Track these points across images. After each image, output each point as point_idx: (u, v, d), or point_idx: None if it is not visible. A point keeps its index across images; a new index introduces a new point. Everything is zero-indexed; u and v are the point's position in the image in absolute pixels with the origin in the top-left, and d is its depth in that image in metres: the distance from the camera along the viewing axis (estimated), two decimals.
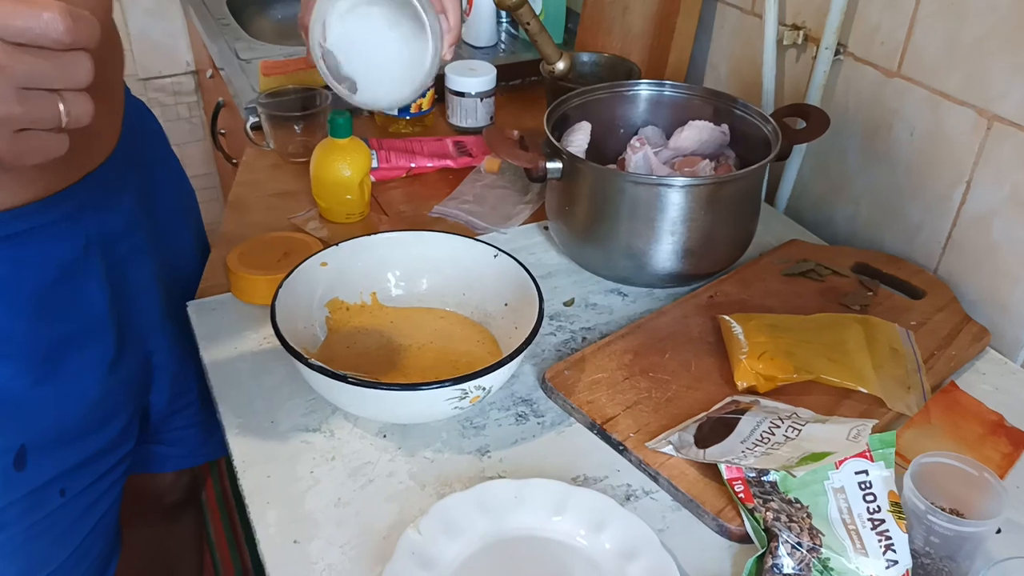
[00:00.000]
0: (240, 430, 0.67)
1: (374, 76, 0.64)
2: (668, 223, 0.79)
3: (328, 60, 0.64)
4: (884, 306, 0.80)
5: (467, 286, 0.77)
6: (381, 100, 0.66)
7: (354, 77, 0.64)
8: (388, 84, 0.65)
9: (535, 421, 0.69)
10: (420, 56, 0.63)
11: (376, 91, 0.65)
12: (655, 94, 0.92)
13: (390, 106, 0.68)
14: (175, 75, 1.82)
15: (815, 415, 0.63)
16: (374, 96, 0.66)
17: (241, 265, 0.81)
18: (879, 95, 0.87)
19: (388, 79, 0.64)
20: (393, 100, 0.67)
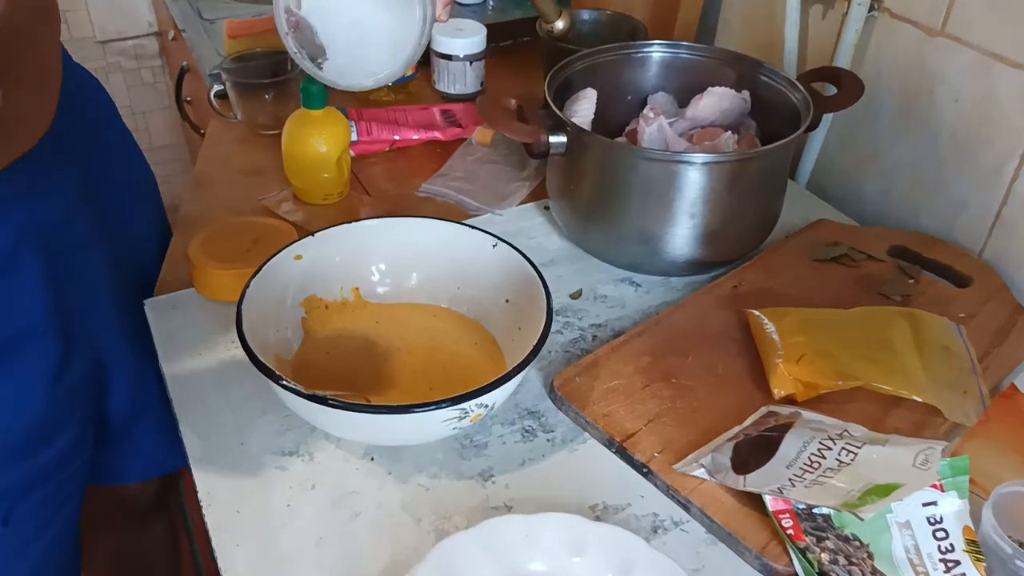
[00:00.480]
0: (204, 454, 0.58)
1: (355, 50, 0.54)
2: (687, 204, 0.70)
3: (300, 34, 0.53)
4: (927, 295, 0.72)
5: (462, 279, 0.68)
6: (365, 79, 0.56)
7: (331, 52, 0.54)
8: (372, 58, 0.55)
9: (544, 437, 0.61)
10: (408, 23, 0.52)
11: (358, 68, 0.55)
12: (668, 56, 0.82)
13: (375, 85, 0.57)
14: (136, 37, 1.69)
15: (870, 433, 0.55)
16: (356, 74, 0.55)
17: (204, 256, 0.71)
18: (919, 57, 0.77)
19: (372, 53, 0.54)
20: (379, 78, 0.56)
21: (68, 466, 0.70)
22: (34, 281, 0.61)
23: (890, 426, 0.60)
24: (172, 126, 1.82)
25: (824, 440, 0.54)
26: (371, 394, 0.60)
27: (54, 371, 0.65)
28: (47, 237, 0.62)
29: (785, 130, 0.76)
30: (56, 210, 0.63)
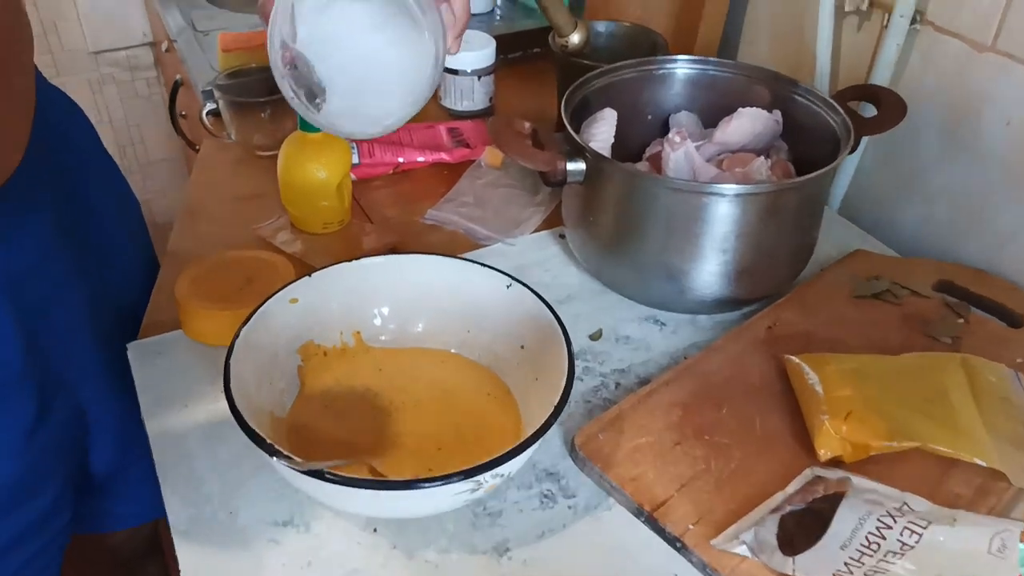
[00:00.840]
0: (189, 525, 0.53)
1: (358, 92, 0.47)
2: (717, 239, 0.64)
3: (296, 72, 0.47)
4: (978, 336, 0.66)
5: (473, 322, 0.62)
6: (369, 126, 0.49)
7: (330, 93, 0.47)
8: (377, 102, 0.48)
9: (565, 504, 0.55)
10: (417, 60, 0.46)
11: (361, 113, 0.48)
12: (694, 73, 0.77)
13: (382, 133, 0.50)
14: (130, 47, 1.63)
15: (933, 507, 0.49)
16: (359, 120, 0.49)
17: (193, 297, 0.65)
18: (966, 74, 0.71)
19: (377, 95, 0.48)
20: (386, 124, 0.49)
21: (47, 528, 0.64)
22: (8, 334, 0.56)
23: (949, 492, 0.54)
24: (168, 139, 1.76)
25: (883, 516, 0.48)
26: (374, 457, 0.55)
27: (29, 427, 0.60)
28: (19, 285, 0.57)
29: (819, 153, 0.70)
30: (27, 256, 0.57)
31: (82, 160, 0.68)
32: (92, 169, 0.69)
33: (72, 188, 0.65)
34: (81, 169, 0.67)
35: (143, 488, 0.77)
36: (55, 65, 1.59)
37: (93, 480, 0.73)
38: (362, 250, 0.78)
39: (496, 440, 0.57)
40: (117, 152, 1.34)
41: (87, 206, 0.67)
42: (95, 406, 0.68)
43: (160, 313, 0.70)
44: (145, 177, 1.79)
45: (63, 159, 0.65)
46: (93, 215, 0.68)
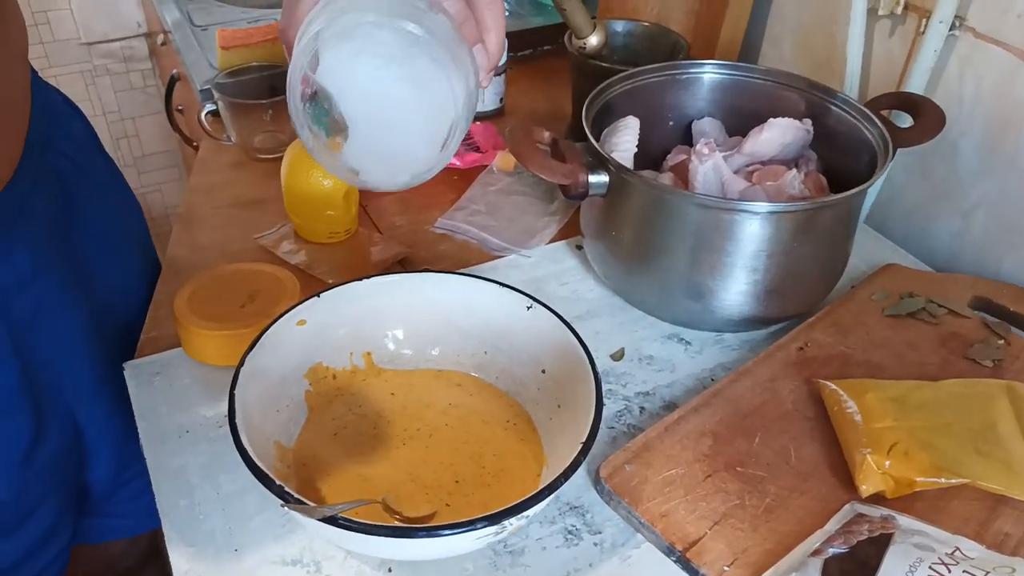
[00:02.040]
0: (191, 565, 0.49)
1: (382, 136, 0.43)
2: (747, 257, 0.61)
3: (315, 106, 0.42)
4: (1021, 360, 0.63)
5: (490, 344, 0.59)
6: (395, 176, 0.44)
7: (352, 131, 0.42)
8: (403, 149, 0.43)
9: (590, 541, 0.52)
10: (442, 103, 0.41)
11: (386, 160, 0.44)
12: (722, 79, 0.73)
13: (409, 184, 0.44)
14: (125, 38, 1.58)
15: (988, 554, 0.46)
16: (384, 169, 0.44)
17: (194, 315, 0.62)
18: (1009, 83, 0.68)
19: (403, 140, 0.43)
20: (416, 173, 0.44)
21: (45, 551, 0.62)
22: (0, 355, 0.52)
23: (998, 531, 0.51)
24: (163, 132, 1.72)
25: (935, 564, 0.45)
26: (388, 491, 0.51)
27: (24, 451, 0.57)
28: (8, 303, 0.53)
29: (850, 164, 0.67)
30: (18, 271, 0.54)
31: (79, 166, 0.64)
32: (90, 175, 0.65)
33: (68, 196, 0.61)
34: (78, 175, 0.63)
35: (142, 501, 0.73)
36: (47, 56, 1.55)
37: (91, 497, 0.70)
38: (370, 261, 0.75)
39: (517, 473, 0.53)
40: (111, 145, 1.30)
41: (83, 215, 0.63)
42: (93, 424, 0.65)
43: (158, 328, 0.67)
44: (140, 171, 1.74)
45: (59, 165, 0.61)
46: (89, 224, 0.64)
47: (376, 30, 0.39)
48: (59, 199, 0.61)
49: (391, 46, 0.40)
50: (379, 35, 0.39)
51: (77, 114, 0.69)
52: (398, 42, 0.39)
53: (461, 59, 0.40)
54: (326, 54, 0.40)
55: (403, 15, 0.39)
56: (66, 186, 0.62)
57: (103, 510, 0.72)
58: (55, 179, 0.60)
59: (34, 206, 0.56)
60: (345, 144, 0.42)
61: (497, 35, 0.43)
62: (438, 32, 0.39)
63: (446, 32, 0.40)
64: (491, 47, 0.43)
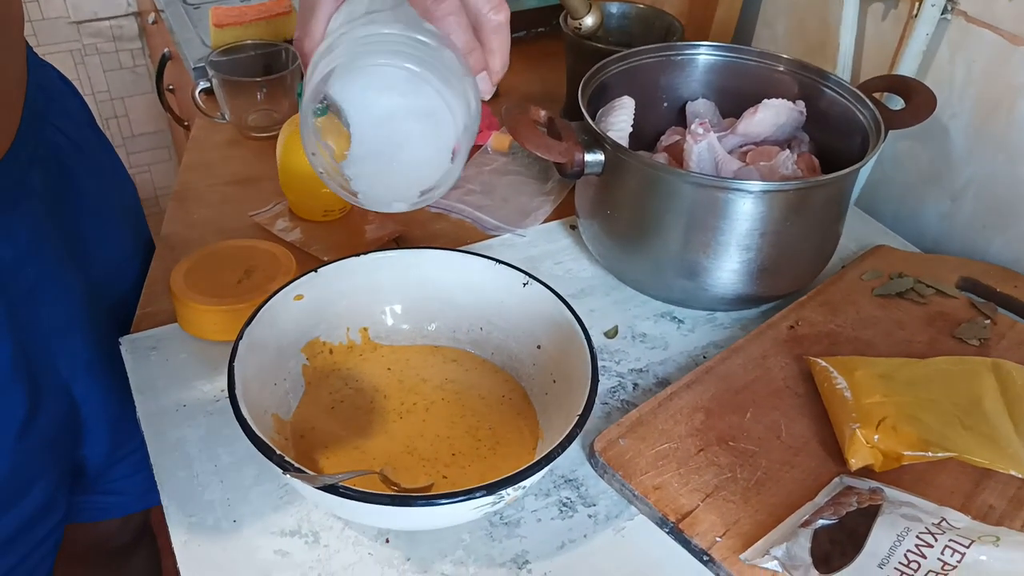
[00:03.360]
0: (190, 536, 0.50)
1: (387, 156, 0.45)
2: (740, 236, 0.61)
3: (324, 114, 0.44)
4: (1008, 339, 0.64)
5: (486, 320, 0.60)
6: (396, 200, 0.46)
7: (356, 143, 0.44)
8: (403, 171, 0.45)
9: (585, 513, 0.53)
10: (451, 119, 0.42)
11: (388, 179, 0.46)
12: (716, 61, 0.73)
13: (410, 208, 0.46)
14: (114, 17, 1.57)
15: (974, 524, 0.47)
16: (386, 190, 0.46)
17: (189, 289, 0.62)
18: (1000, 66, 0.69)
19: (406, 160, 0.45)
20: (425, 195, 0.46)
21: (42, 524, 0.62)
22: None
23: (983, 503, 0.52)
24: (153, 112, 1.70)
25: (922, 533, 0.46)
26: (385, 463, 0.52)
27: (19, 426, 0.57)
28: (5, 278, 0.53)
29: (842, 145, 0.68)
30: (15, 247, 0.54)
31: (75, 143, 0.64)
32: (85, 152, 0.65)
33: (64, 172, 0.61)
34: (74, 152, 0.63)
35: (136, 479, 0.74)
36: (35, 35, 1.53)
37: (86, 474, 0.70)
38: (364, 239, 0.75)
39: (513, 446, 0.54)
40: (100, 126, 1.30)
41: (79, 191, 0.63)
42: (89, 400, 0.65)
43: (153, 303, 0.67)
44: (129, 151, 1.73)
45: (56, 142, 0.61)
46: (85, 200, 0.64)
47: (386, 69, 0.41)
48: (56, 175, 0.61)
49: (399, 83, 0.42)
50: (388, 72, 0.41)
51: (72, 91, 0.69)
52: (406, 80, 0.41)
53: (464, 94, 0.42)
54: (336, 85, 0.42)
55: (411, 55, 0.41)
56: (62, 162, 0.62)
57: (97, 487, 0.73)
58: (52, 155, 0.60)
59: (32, 182, 0.56)
60: (349, 169, 0.44)
61: (501, 56, 0.45)
62: (443, 69, 0.41)
63: (451, 68, 0.42)
64: (494, 68, 0.45)
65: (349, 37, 0.42)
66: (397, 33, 0.42)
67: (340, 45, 0.42)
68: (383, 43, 0.42)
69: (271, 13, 0.96)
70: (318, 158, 0.45)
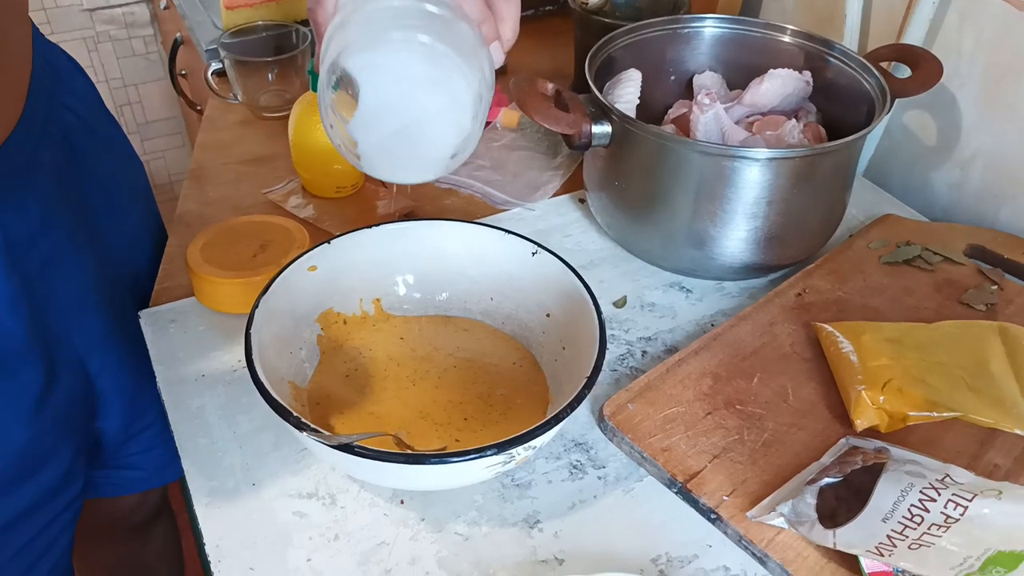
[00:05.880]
0: (211, 499, 0.51)
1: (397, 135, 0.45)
2: (748, 204, 0.62)
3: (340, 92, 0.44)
4: (1015, 305, 0.65)
5: (497, 290, 0.61)
6: (400, 172, 0.48)
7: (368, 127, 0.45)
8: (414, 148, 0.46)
9: (595, 475, 0.54)
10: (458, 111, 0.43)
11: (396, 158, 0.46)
12: (723, 33, 0.74)
13: (416, 179, 0.48)
14: (126, 4, 1.58)
15: (977, 479, 0.48)
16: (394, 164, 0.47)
17: (206, 263, 0.63)
18: (1008, 34, 0.69)
19: (414, 141, 0.45)
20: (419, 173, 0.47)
21: (61, 497, 0.63)
22: (10, 305, 0.54)
23: (988, 463, 0.53)
24: (166, 98, 1.72)
25: (925, 488, 0.47)
26: (399, 428, 0.53)
27: (36, 399, 0.58)
28: (20, 253, 0.54)
29: (849, 115, 0.69)
30: (28, 222, 0.55)
31: (84, 120, 0.65)
32: (94, 130, 0.67)
33: (74, 149, 0.62)
34: (83, 130, 0.64)
35: (153, 454, 0.75)
36: (49, 23, 1.55)
37: (103, 448, 0.71)
38: (376, 215, 0.76)
39: (524, 410, 0.55)
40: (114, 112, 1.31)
41: (89, 168, 0.64)
42: (104, 374, 0.66)
43: (170, 279, 0.68)
44: (143, 138, 1.75)
45: (65, 119, 0.62)
46: (95, 177, 0.65)
47: (401, 42, 0.42)
48: (66, 153, 0.62)
49: (414, 55, 0.42)
50: (403, 46, 0.42)
51: (79, 71, 0.70)
52: (421, 52, 0.42)
53: (479, 65, 0.42)
54: (351, 60, 0.42)
55: (425, 28, 0.41)
56: (72, 141, 0.63)
57: (114, 462, 0.74)
58: (61, 134, 0.61)
59: (43, 159, 0.57)
60: (365, 143, 0.44)
61: (512, 24, 0.46)
62: (458, 41, 0.42)
63: (466, 39, 0.42)
64: (505, 35, 0.46)
65: (363, 11, 0.43)
66: (410, 5, 0.42)
67: (353, 20, 0.42)
68: (397, 16, 0.42)
69: None
70: (335, 131, 0.45)
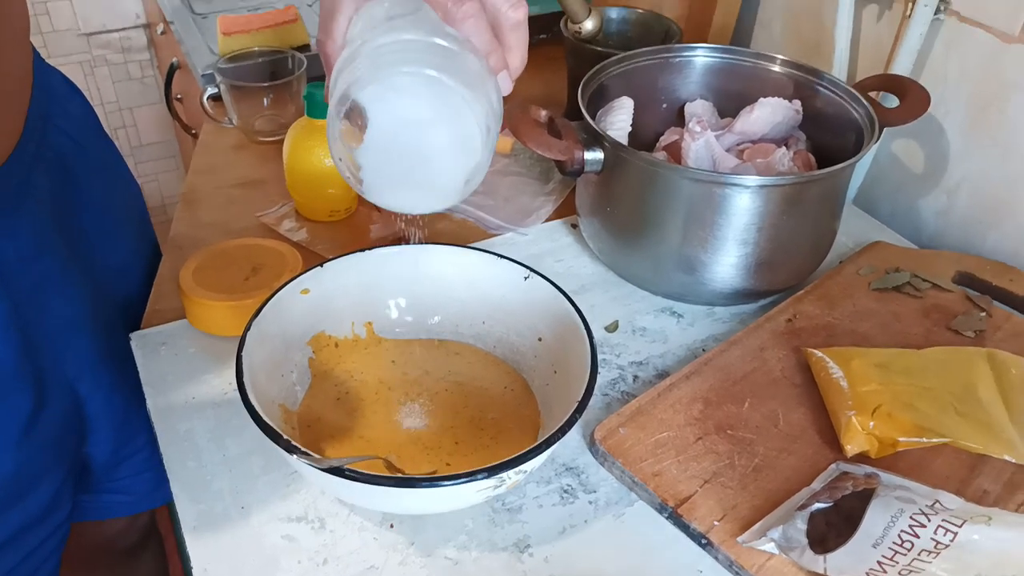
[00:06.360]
0: (199, 523, 0.51)
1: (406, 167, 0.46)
2: (738, 231, 0.63)
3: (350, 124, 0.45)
4: (1003, 331, 0.65)
5: (488, 314, 0.61)
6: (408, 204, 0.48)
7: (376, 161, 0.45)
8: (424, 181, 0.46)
9: (586, 499, 0.54)
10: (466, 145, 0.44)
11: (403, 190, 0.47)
12: (713, 62, 0.75)
13: (424, 210, 0.49)
14: (123, 29, 1.59)
15: (966, 505, 0.48)
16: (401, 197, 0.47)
17: (198, 286, 0.63)
18: (992, 64, 0.70)
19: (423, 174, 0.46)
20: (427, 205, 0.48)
21: (47, 523, 0.62)
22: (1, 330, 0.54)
23: (977, 488, 0.53)
24: (161, 122, 1.73)
25: (915, 514, 0.47)
26: (390, 452, 0.53)
27: (26, 421, 0.57)
28: (12, 278, 0.54)
29: (838, 143, 0.69)
30: (20, 247, 0.55)
31: (80, 144, 0.65)
32: (90, 154, 0.67)
33: (69, 173, 0.62)
34: (79, 154, 0.64)
35: (142, 478, 0.75)
36: (46, 47, 1.56)
37: (92, 472, 0.71)
38: (369, 239, 0.76)
39: (515, 434, 0.55)
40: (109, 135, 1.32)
41: (83, 191, 0.64)
42: (94, 398, 0.66)
43: (162, 302, 0.68)
44: (137, 161, 1.76)
45: (60, 143, 0.62)
46: (89, 200, 0.65)
47: (408, 77, 0.42)
48: (60, 176, 0.62)
49: (422, 89, 0.42)
50: (411, 80, 0.42)
51: (76, 93, 0.70)
52: (428, 86, 0.42)
53: (486, 96, 0.43)
54: (361, 94, 0.43)
55: (433, 62, 0.41)
56: (66, 163, 0.63)
57: (103, 486, 0.73)
58: (55, 156, 0.62)
59: (37, 182, 0.58)
60: (370, 169, 0.45)
61: (520, 54, 0.46)
62: (465, 74, 0.42)
63: (473, 72, 0.43)
64: (513, 64, 0.46)
65: (372, 44, 0.43)
66: (419, 39, 0.42)
67: (363, 52, 0.43)
68: (406, 50, 0.42)
69: (277, 21, 0.98)
70: (344, 163, 0.46)
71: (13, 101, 0.55)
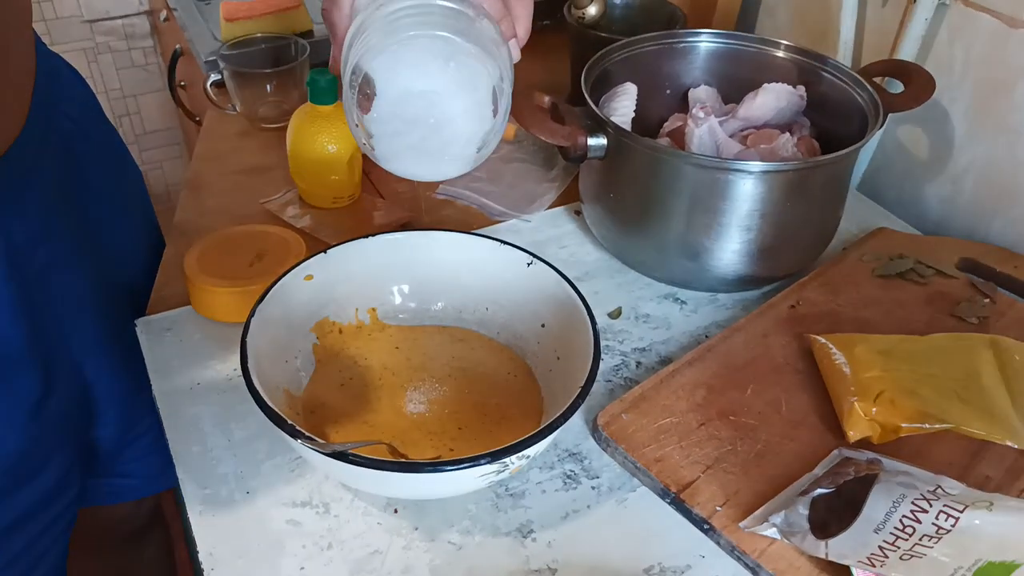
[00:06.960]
0: (205, 507, 0.51)
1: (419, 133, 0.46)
2: (741, 217, 0.63)
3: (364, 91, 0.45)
4: (1007, 318, 0.65)
5: (492, 300, 0.61)
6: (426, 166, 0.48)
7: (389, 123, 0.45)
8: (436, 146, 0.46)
9: (588, 485, 0.54)
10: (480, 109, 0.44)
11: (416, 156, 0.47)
12: (718, 48, 0.75)
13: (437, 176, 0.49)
14: (126, 16, 1.59)
15: (968, 491, 0.48)
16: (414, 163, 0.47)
17: (202, 272, 0.64)
18: (998, 50, 0.70)
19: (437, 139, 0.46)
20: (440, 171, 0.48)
21: (52, 506, 0.63)
22: (9, 311, 0.54)
23: (979, 474, 0.53)
24: (165, 109, 1.73)
25: (917, 499, 0.47)
26: (393, 437, 0.53)
27: (34, 403, 0.58)
28: (19, 260, 0.55)
29: (843, 129, 0.69)
30: (28, 230, 0.55)
31: (83, 129, 0.65)
32: (93, 139, 0.67)
33: (73, 158, 0.63)
34: (82, 139, 0.65)
35: (147, 461, 0.75)
36: (49, 34, 1.56)
37: (97, 455, 0.71)
38: (373, 225, 0.76)
39: (518, 420, 0.55)
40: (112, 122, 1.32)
41: (88, 176, 0.65)
42: (100, 382, 0.66)
43: (167, 288, 0.68)
44: (141, 148, 1.76)
45: (65, 127, 0.63)
46: (94, 185, 0.66)
47: (424, 39, 0.42)
48: (64, 160, 0.62)
49: (437, 52, 0.42)
50: (426, 43, 0.42)
51: (79, 80, 0.70)
52: (444, 49, 0.42)
53: (500, 60, 0.43)
54: (374, 63, 0.43)
55: (448, 25, 0.42)
56: (71, 148, 0.63)
57: (110, 470, 0.74)
58: (60, 141, 0.62)
59: (43, 167, 0.58)
60: (385, 137, 0.45)
61: (526, 23, 0.47)
62: (481, 37, 0.42)
63: (488, 36, 0.43)
64: (521, 33, 0.48)
65: (383, 10, 0.43)
66: (430, 3, 0.42)
67: (373, 19, 0.43)
68: (418, 14, 0.42)
69: (280, 7, 0.98)
70: (360, 131, 0.46)
71: (18, 87, 0.56)
